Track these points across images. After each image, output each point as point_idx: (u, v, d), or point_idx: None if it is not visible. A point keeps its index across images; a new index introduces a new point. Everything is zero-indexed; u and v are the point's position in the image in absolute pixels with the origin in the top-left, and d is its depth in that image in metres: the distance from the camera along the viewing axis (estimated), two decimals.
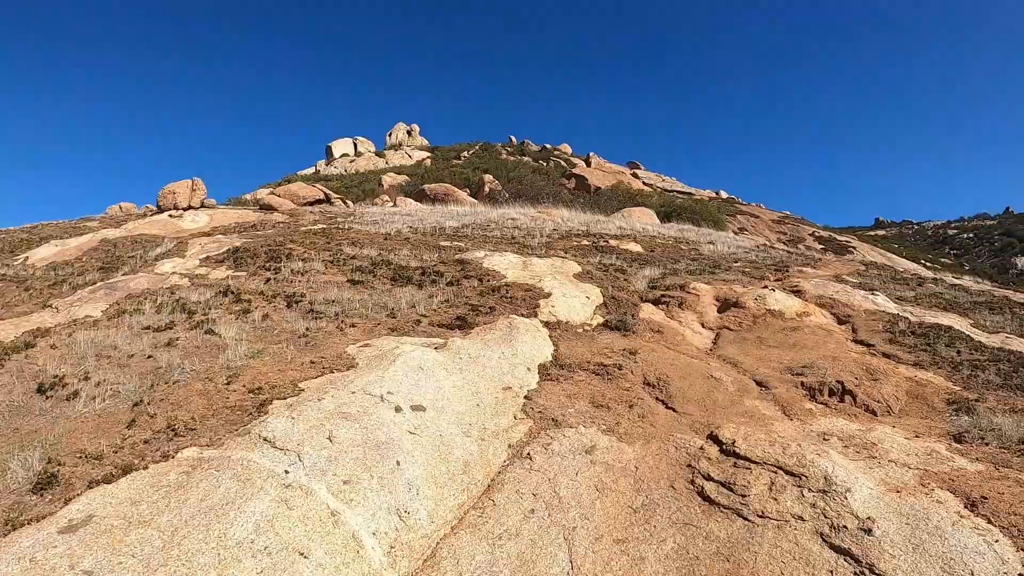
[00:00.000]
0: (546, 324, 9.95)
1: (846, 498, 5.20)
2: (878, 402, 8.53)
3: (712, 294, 13.61)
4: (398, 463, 5.38)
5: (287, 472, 4.94)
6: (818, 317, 12.57)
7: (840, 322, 12.56)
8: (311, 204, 29.28)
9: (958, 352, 11.04)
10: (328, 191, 31.26)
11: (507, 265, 13.67)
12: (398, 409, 6.19)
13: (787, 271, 17.75)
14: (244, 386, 7.01)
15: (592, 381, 7.89)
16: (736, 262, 19.13)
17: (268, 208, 26.04)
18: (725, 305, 12.93)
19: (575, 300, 11.03)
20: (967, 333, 12.18)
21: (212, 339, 9.11)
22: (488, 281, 12.41)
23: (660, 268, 16.14)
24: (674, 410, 7.45)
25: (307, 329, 9.59)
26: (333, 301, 11.08)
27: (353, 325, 9.76)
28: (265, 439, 5.38)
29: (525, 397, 7.29)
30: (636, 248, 19.56)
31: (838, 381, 8.61)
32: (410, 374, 7.00)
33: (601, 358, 8.55)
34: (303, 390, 6.73)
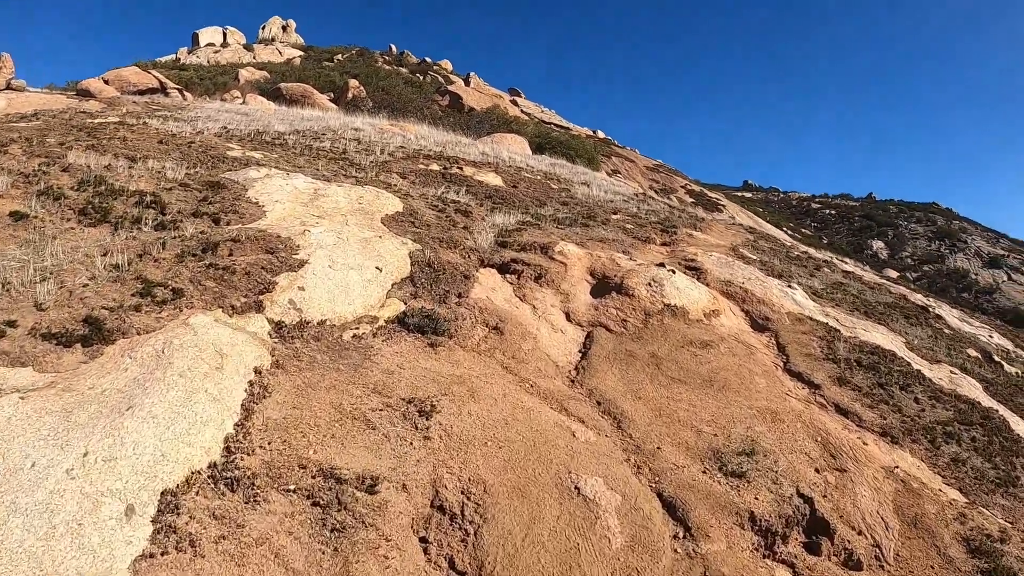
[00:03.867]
0: (277, 329, 5.15)
1: None
2: (860, 535, 4.63)
3: (586, 264, 9.33)
4: None
5: None
6: (730, 319, 8.67)
7: (757, 327, 8.77)
8: (142, 93, 23.83)
9: (917, 400, 7.88)
10: (164, 80, 25.79)
11: (285, 195, 8.53)
12: None
13: (675, 233, 13.85)
14: None
15: (286, 536, 3.22)
16: (615, 213, 15.07)
17: (86, 94, 21.00)
18: (604, 285, 8.70)
19: (353, 274, 6.12)
20: (913, 365, 8.93)
21: None
22: (228, 223, 7.32)
23: (520, 212, 11.64)
24: None
25: None
26: None
27: None
28: None
29: None
30: (495, 181, 14.94)
31: (802, 497, 4.59)
32: None
33: (343, 444, 3.89)
34: None
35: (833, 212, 65.63)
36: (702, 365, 6.71)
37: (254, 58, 48.96)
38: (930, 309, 14.79)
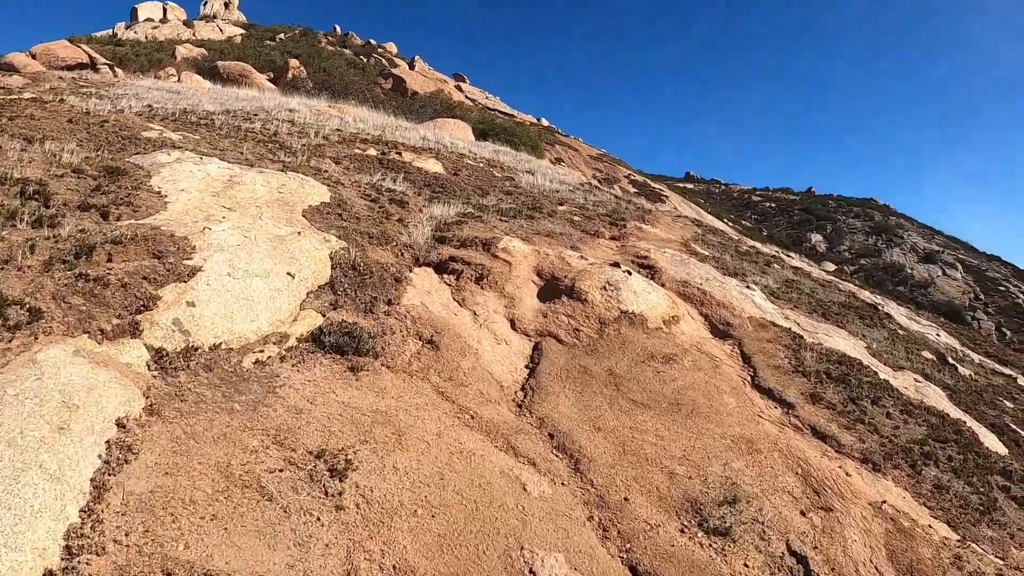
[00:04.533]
0: (157, 358, 4.09)
1: None
2: None
3: (532, 262, 8.50)
4: None
5: None
6: (690, 325, 7.99)
7: (718, 334, 8.14)
8: (71, 68, 22.75)
9: (889, 415, 7.47)
10: (95, 55, 24.74)
11: (194, 183, 7.31)
12: None
13: (624, 226, 13.18)
14: None
15: None
16: (561, 204, 14.30)
17: (9, 69, 20.35)
18: (553, 287, 7.88)
19: (258, 283, 5.08)
20: (880, 375, 8.51)
21: None
22: (118, 218, 6.11)
23: (460, 203, 10.73)
24: None
25: None
26: None
27: None
28: None
29: None
30: (436, 168, 13.97)
31: (794, 555, 3.87)
32: None
33: (226, 530, 2.94)
34: None
35: (773, 205, 66.59)
36: (666, 384, 5.96)
37: (194, 35, 47.25)
38: (879, 307, 14.55)
